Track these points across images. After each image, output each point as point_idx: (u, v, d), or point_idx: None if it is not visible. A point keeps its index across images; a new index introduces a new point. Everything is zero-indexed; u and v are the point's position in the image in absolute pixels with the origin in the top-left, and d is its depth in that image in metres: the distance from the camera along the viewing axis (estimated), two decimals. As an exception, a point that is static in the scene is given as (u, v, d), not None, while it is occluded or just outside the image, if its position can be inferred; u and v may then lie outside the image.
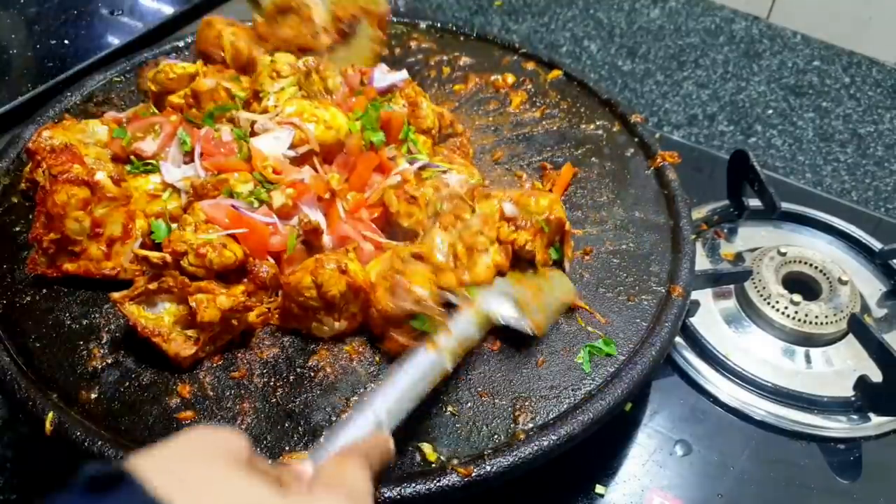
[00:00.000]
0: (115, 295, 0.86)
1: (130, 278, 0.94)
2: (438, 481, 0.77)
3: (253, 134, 1.05)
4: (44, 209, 0.92)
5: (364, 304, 0.91)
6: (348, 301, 0.90)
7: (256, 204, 0.97)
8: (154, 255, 0.92)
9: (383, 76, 1.19)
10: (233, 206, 0.95)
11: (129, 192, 1.00)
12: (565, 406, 0.87)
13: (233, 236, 0.93)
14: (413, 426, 0.83)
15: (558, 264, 1.02)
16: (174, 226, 0.97)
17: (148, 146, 1.06)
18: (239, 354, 0.90)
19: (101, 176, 0.96)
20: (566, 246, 1.03)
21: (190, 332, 0.87)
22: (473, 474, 0.78)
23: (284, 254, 0.95)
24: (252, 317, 0.91)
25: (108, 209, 0.95)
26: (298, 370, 0.89)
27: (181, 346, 0.86)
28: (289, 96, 1.10)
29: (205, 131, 1.05)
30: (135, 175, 1.04)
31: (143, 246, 0.96)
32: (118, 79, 1.27)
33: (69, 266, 0.94)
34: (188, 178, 1.00)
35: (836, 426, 1.13)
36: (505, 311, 0.90)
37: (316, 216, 0.97)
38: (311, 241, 0.96)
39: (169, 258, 0.91)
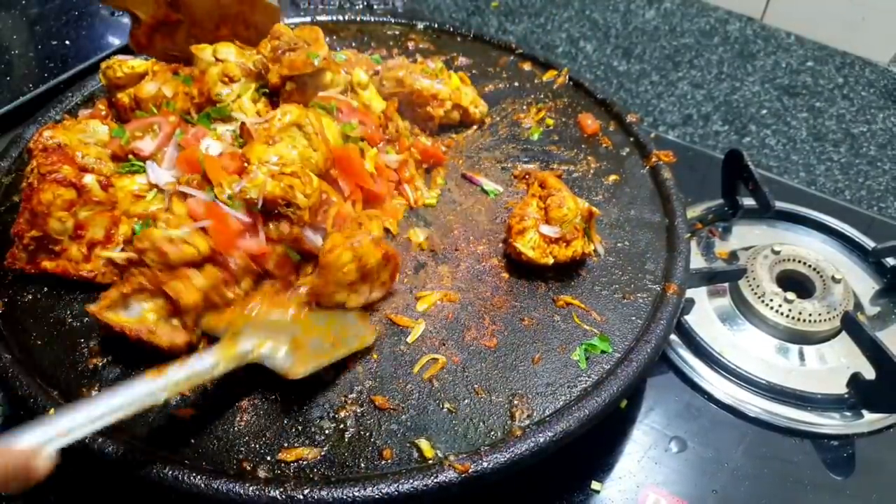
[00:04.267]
0: (92, 307, 0.86)
1: (108, 282, 0.94)
2: (436, 477, 0.78)
3: (245, 132, 1.04)
4: (29, 206, 0.92)
5: (393, 271, 0.96)
6: (380, 269, 0.93)
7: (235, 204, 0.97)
8: (118, 256, 0.92)
9: None
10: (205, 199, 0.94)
11: (115, 197, 0.99)
12: (561, 403, 0.88)
13: (203, 231, 0.92)
14: (411, 423, 0.85)
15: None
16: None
17: (146, 145, 1.06)
18: (238, 352, 0.90)
19: (89, 179, 0.97)
20: (593, 231, 1.05)
21: (175, 322, 0.87)
22: (470, 470, 0.79)
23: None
24: (231, 293, 0.91)
25: (93, 213, 0.95)
26: (297, 367, 0.89)
27: (172, 334, 0.86)
28: (248, 99, 1.10)
29: (193, 132, 1.04)
30: (121, 175, 1.04)
31: (124, 252, 0.96)
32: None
33: (48, 264, 0.94)
34: (171, 184, 1.00)
35: (830, 423, 1.14)
36: (261, 351, 0.85)
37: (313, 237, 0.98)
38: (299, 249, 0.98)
39: (135, 256, 0.90)
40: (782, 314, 1.24)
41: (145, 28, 1.16)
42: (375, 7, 1.64)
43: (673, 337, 1.23)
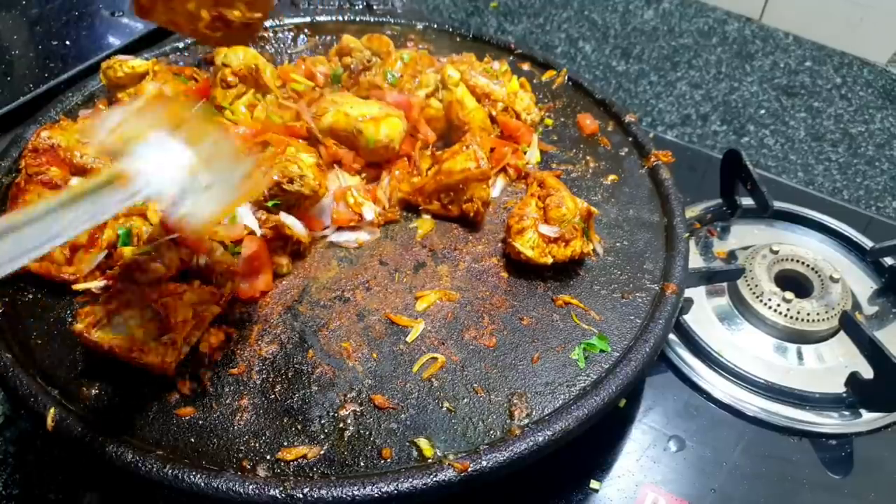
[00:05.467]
0: (78, 326, 0.84)
1: (86, 289, 0.94)
2: (435, 476, 0.78)
3: None
4: (14, 206, 0.92)
5: None
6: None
7: None
8: (94, 286, 0.91)
9: None
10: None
11: None
12: (560, 402, 0.88)
13: (173, 241, 0.91)
14: (410, 422, 0.85)
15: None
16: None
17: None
18: (238, 351, 0.91)
19: (75, 182, 0.97)
20: (591, 230, 1.06)
21: (164, 339, 0.85)
22: (469, 469, 0.79)
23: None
24: (216, 308, 0.92)
25: None
26: (296, 367, 0.90)
27: (162, 353, 0.84)
28: (244, 105, 1.11)
29: None
30: None
31: (108, 256, 0.95)
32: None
33: (31, 265, 0.92)
34: None
35: (828, 422, 1.14)
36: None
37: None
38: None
39: (109, 282, 0.89)
40: (781, 313, 1.24)
41: None
42: (375, 7, 1.65)
43: (672, 336, 1.23)
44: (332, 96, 1.13)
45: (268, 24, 1.42)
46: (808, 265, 1.31)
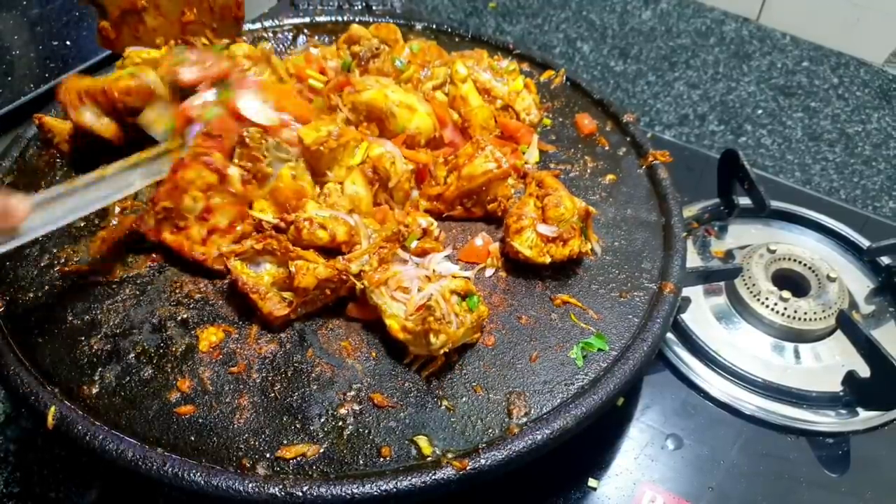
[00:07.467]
0: (224, 249, 0.94)
1: (217, 268, 0.98)
2: (434, 475, 0.79)
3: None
4: (174, 178, 0.97)
5: None
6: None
7: None
8: (267, 219, 0.98)
9: None
10: None
11: (252, 195, 1.01)
12: (558, 400, 0.88)
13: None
14: (409, 421, 0.85)
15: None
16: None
17: (187, 73, 1.06)
18: (238, 350, 0.91)
19: (233, 171, 0.99)
20: (590, 230, 1.06)
21: (286, 294, 0.93)
22: (468, 468, 0.79)
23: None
24: (343, 290, 0.96)
25: (224, 202, 0.99)
26: (296, 365, 0.90)
27: (275, 305, 0.92)
28: None
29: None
30: None
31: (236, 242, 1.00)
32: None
33: (168, 236, 0.98)
34: None
35: (825, 421, 1.15)
36: None
37: None
38: None
39: (282, 224, 0.97)
40: (778, 312, 1.24)
41: (113, 19, 1.14)
42: (374, 8, 1.65)
43: (669, 335, 1.24)
44: (376, 76, 1.17)
45: (267, 23, 1.42)
46: (805, 264, 1.31)
